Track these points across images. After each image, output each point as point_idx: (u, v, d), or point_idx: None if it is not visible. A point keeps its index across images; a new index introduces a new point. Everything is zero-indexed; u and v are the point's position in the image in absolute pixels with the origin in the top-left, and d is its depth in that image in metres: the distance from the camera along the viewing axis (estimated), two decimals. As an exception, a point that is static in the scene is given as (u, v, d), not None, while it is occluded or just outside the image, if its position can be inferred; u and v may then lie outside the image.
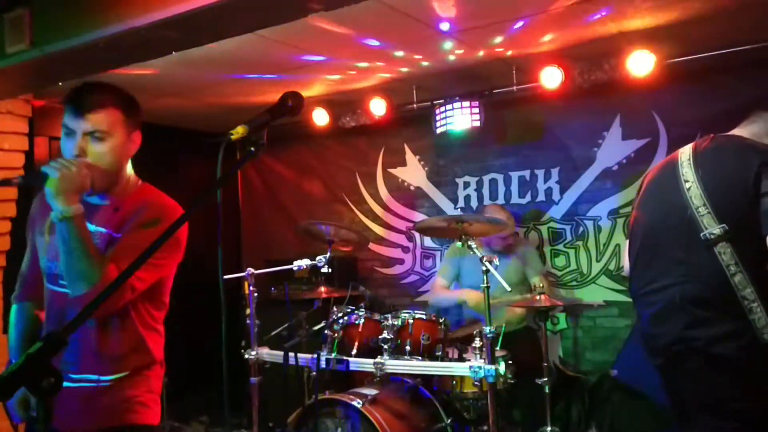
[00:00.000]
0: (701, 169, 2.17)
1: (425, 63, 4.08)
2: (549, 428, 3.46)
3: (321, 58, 3.84)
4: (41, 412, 1.36)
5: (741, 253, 2.00)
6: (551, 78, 4.05)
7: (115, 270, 1.79)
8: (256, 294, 3.68)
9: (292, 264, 3.66)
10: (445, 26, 3.44)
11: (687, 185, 2.17)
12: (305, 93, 4.58)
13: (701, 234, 2.08)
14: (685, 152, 2.29)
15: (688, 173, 2.19)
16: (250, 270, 3.63)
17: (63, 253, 1.79)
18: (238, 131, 1.48)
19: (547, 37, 3.70)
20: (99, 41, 2.97)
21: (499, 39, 3.70)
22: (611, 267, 4.47)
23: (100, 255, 1.82)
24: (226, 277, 3.61)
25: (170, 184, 5.06)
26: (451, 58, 3.99)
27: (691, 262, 2.11)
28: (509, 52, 3.94)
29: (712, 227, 2.06)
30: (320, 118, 4.94)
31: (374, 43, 3.64)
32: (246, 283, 3.74)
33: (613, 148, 4.45)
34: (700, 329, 2.06)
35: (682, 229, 2.15)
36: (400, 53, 3.87)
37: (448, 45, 3.76)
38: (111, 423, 1.92)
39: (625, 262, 2.50)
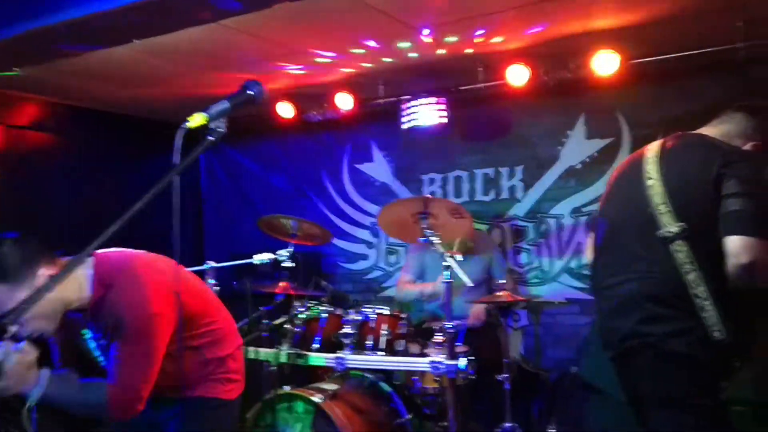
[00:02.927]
0: (665, 167, 2.18)
1: (392, 58, 4.06)
2: (509, 424, 3.48)
3: (287, 49, 3.79)
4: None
5: (697, 252, 2.02)
6: (517, 76, 4.07)
7: (114, 386, 1.90)
8: (217, 288, 3.62)
9: (253, 258, 3.62)
10: (412, 21, 3.43)
11: (650, 182, 2.17)
12: (271, 85, 4.53)
13: (659, 232, 2.09)
14: (653, 149, 2.29)
15: (652, 170, 2.20)
16: (210, 263, 3.57)
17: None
18: (196, 119, 1.45)
19: (514, 35, 3.71)
20: (59, 26, 2.88)
21: (466, 35, 3.70)
22: (573, 265, 4.53)
23: (94, 389, 1.93)
24: (186, 270, 3.54)
25: (134, 174, 4.97)
26: (418, 54, 3.98)
27: (649, 259, 2.13)
28: (476, 50, 3.95)
29: (670, 225, 2.07)
30: (285, 111, 4.88)
31: (342, 36, 3.61)
32: (206, 277, 3.68)
33: (577, 147, 4.50)
34: (653, 325, 2.08)
35: (642, 226, 2.16)
36: (367, 47, 3.85)
37: (415, 40, 3.75)
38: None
39: (588, 255, 2.51)
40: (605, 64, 3.83)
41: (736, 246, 1.96)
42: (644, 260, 2.14)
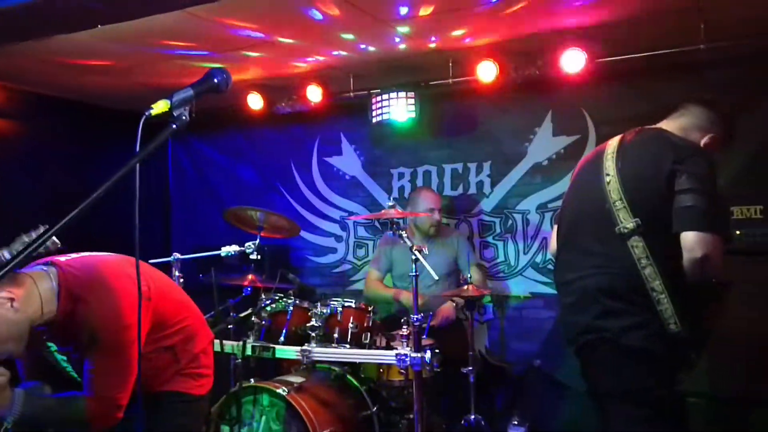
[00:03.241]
0: (621, 163, 2.22)
1: (362, 50, 4.05)
2: (473, 416, 3.52)
3: (256, 36, 3.75)
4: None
5: (652, 247, 2.07)
6: (487, 72, 4.11)
7: (92, 399, 1.89)
8: (182, 280, 3.59)
9: (220, 250, 3.60)
10: (383, 15, 3.43)
11: (607, 178, 2.21)
12: (240, 76, 4.49)
13: (616, 228, 2.13)
14: (612, 144, 2.34)
15: (609, 166, 2.24)
16: (176, 255, 3.54)
17: None
18: (159, 106, 1.43)
19: (483, 31, 3.74)
20: (17, 8, 2.81)
21: (437, 30, 3.72)
22: (538, 260, 4.59)
23: (71, 404, 1.91)
24: (152, 261, 3.50)
25: (98, 163, 4.88)
26: (388, 47, 3.98)
27: (607, 254, 2.16)
28: (446, 46, 3.97)
29: (626, 221, 2.11)
30: (255, 102, 4.84)
31: (312, 28, 3.59)
32: (173, 269, 3.64)
33: (544, 144, 4.55)
34: (610, 320, 2.12)
35: (600, 222, 2.19)
36: (338, 40, 3.83)
37: (385, 34, 3.75)
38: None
39: (552, 248, 2.56)
40: (572, 62, 3.89)
41: (690, 241, 2.02)
42: (602, 255, 2.18)
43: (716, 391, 3.10)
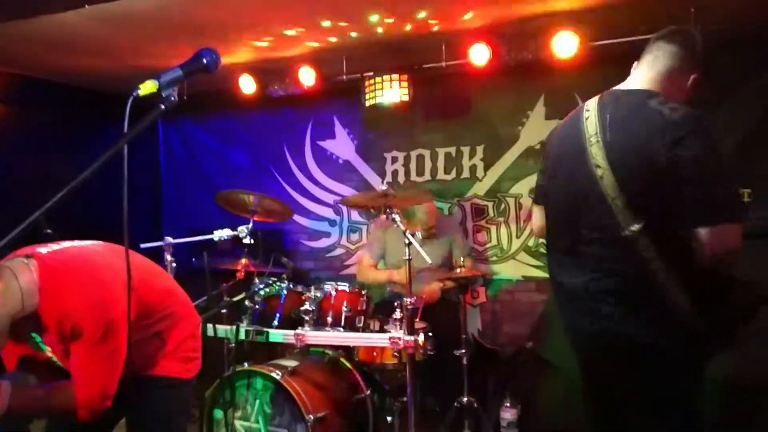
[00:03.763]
0: (611, 153, 2.00)
1: (354, 33, 4.02)
2: (465, 399, 3.55)
3: (247, 21, 3.71)
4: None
5: (661, 245, 1.90)
6: (480, 55, 4.08)
7: (81, 390, 1.89)
8: (174, 264, 3.57)
9: (213, 234, 3.58)
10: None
11: (599, 171, 2.00)
12: (232, 59, 4.45)
13: (621, 229, 1.94)
14: (591, 119, 2.09)
15: (597, 154, 2.02)
16: (168, 239, 3.52)
17: None
18: (147, 86, 1.42)
19: (476, 14, 3.71)
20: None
21: (428, 12, 3.68)
22: (530, 243, 4.60)
23: (59, 395, 1.91)
24: (144, 245, 3.48)
25: (87, 145, 4.83)
26: (381, 30, 3.95)
27: (611, 257, 1.99)
28: (438, 28, 3.94)
29: (630, 224, 1.93)
30: (247, 85, 4.79)
31: (303, 9, 3.55)
32: (165, 253, 3.62)
33: (537, 128, 4.55)
34: (624, 321, 1.98)
35: (598, 223, 2.01)
36: (328, 22, 3.80)
37: (377, 15, 3.72)
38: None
39: (538, 230, 2.37)
40: (565, 45, 3.87)
41: (706, 237, 1.86)
42: (606, 258, 2.01)
43: (738, 384, 3.03)
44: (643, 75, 2.14)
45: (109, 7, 3.16)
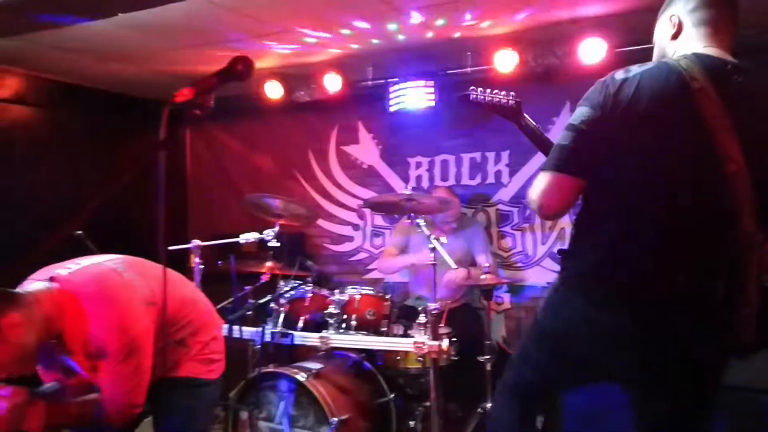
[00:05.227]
0: (742, 145, 1.61)
1: (380, 40, 4.05)
2: (489, 404, 3.54)
3: (274, 28, 3.76)
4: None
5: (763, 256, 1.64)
6: (505, 61, 4.09)
7: (111, 402, 1.95)
8: (201, 267, 3.63)
9: (238, 237, 3.63)
10: (400, 3, 3.42)
11: (732, 166, 1.61)
12: (258, 64, 4.50)
13: (737, 234, 1.64)
14: (710, 97, 1.64)
15: (728, 144, 1.61)
16: (196, 242, 3.58)
17: None
18: (184, 94, 1.45)
19: (502, 20, 3.72)
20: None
21: (454, 19, 3.70)
22: (556, 250, 4.58)
23: (91, 407, 1.96)
24: (171, 248, 3.55)
25: (116, 150, 4.92)
26: (406, 37, 3.98)
27: (717, 260, 1.67)
28: (464, 34, 3.96)
29: (753, 229, 1.63)
30: (273, 91, 4.85)
31: (330, 16, 3.59)
32: (192, 256, 3.68)
33: (562, 134, 4.52)
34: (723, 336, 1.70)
35: (718, 221, 1.67)
36: (355, 28, 3.83)
37: (403, 23, 3.74)
38: None
39: (555, 199, 1.82)
40: (591, 51, 3.86)
41: None
42: (718, 262, 1.67)
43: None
44: (715, 44, 1.78)
45: (139, 15, 3.22)
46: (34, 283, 1.94)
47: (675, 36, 1.87)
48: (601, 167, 1.73)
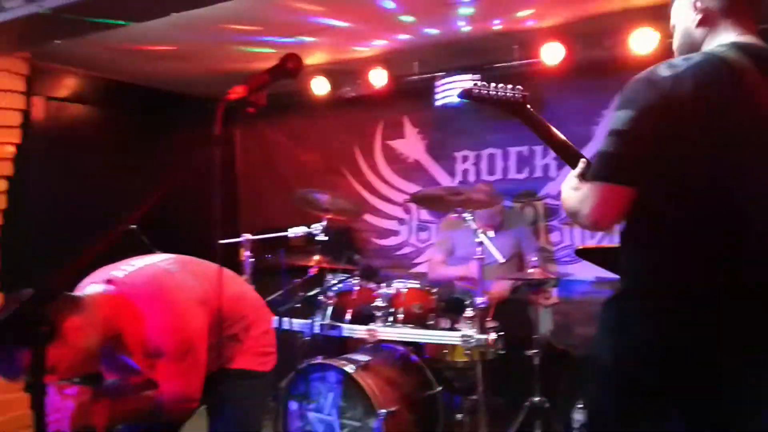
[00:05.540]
0: None
1: (427, 33, 4.05)
2: (537, 398, 3.52)
3: (321, 20, 3.80)
4: (34, 361, 1.43)
5: None
6: (552, 54, 4.04)
7: (169, 398, 2.01)
8: (251, 260, 3.71)
9: (287, 231, 3.69)
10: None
11: None
12: (305, 61, 4.56)
13: None
14: (763, 87, 1.56)
15: None
16: (247, 236, 3.65)
17: None
18: (237, 91, 1.49)
19: (550, 12, 3.68)
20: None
21: (501, 13, 3.68)
22: (604, 244, 4.50)
23: (149, 403, 2.02)
24: (222, 242, 3.63)
25: (167, 149, 5.03)
26: (453, 30, 3.97)
27: None
28: (511, 27, 3.93)
29: None
30: (319, 87, 4.90)
31: (376, 10, 3.61)
32: (242, 250, 3.77)
33: (612, 126, 4.43)
34: None
35: None
36: (402, 22, 3.84)
37: (448, 16, 3.74)
38: None
39: (606, 212, 1.66)
40: (643, 42, 3.77)
41: None
42: None
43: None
44: (750, 33, 1.69)
45: (191, 13, 3.30)
46: (92, 286, 2.02)
47: (703, 23, 1.72)
48: (653, 171, 1.59)
